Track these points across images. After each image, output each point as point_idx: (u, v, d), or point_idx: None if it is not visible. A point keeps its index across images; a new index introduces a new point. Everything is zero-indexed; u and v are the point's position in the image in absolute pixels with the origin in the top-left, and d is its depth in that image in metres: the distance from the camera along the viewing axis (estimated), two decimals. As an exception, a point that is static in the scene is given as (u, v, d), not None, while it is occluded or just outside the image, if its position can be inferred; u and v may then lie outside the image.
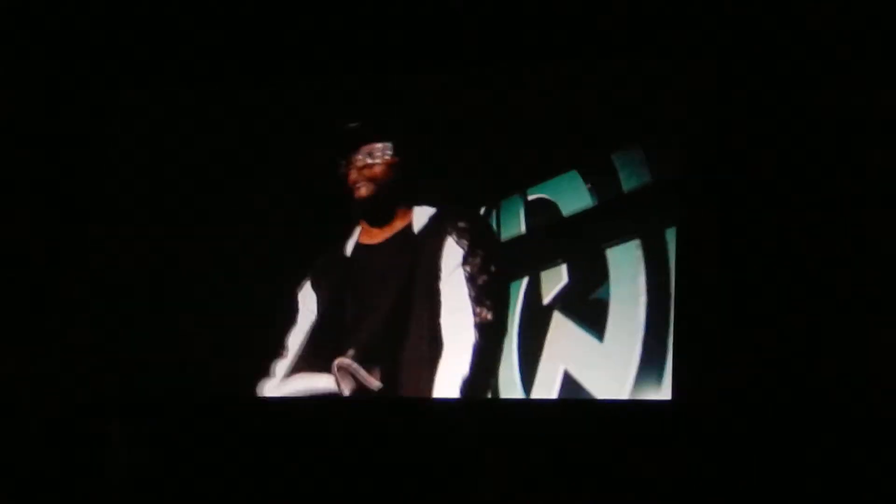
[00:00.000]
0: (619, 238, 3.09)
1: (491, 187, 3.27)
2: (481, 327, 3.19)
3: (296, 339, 3.39)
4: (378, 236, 3.48)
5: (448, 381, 3.18)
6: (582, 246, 3.14)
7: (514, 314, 3.17)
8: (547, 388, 3.07)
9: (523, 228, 3.24)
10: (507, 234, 3.26)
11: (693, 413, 2.82)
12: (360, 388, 3.25)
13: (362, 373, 3.25)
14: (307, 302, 3.45)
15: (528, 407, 3.09)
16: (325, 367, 3.32)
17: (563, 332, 3.11)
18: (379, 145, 3.44)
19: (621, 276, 3.06)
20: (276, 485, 3.09)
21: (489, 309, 3.22)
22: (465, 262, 3.27)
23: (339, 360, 3.28)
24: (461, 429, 3.08)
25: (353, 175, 3.42)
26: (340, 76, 3.46)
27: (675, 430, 2.83)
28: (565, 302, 3.11)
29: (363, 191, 3.44)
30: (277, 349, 3.38)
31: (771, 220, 2.93)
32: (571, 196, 3.19)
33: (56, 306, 3.28)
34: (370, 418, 3.20)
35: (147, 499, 3.07)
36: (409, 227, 3.44)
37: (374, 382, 3.24)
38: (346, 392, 3.26)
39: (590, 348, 3.05)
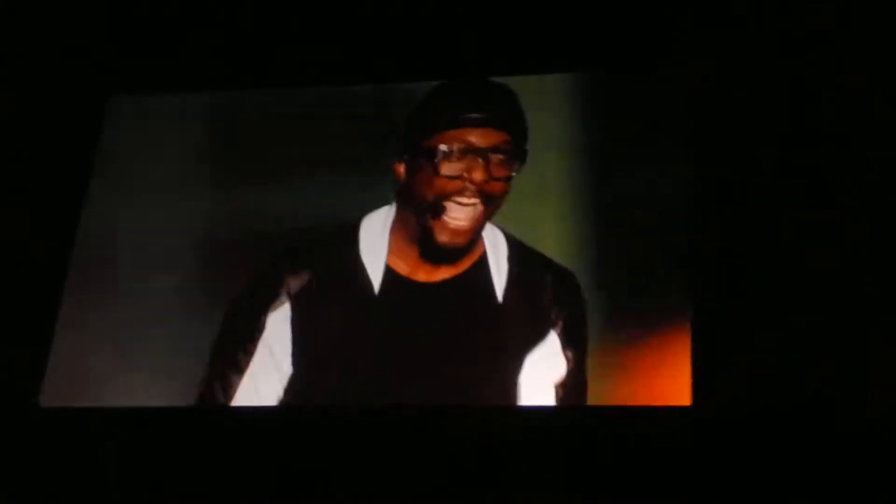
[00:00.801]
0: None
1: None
2: None
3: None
4: (438, 273, 2.85)
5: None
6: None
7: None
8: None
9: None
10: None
11: (713, 420, 2.75)
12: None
13: None
14: (278, 330, 2.85)
15: (544, 414, 2.90)
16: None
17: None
18: (508, 154, 2.82)
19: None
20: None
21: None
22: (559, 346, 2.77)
23: None
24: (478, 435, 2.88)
25: (458, 184, 2.78)
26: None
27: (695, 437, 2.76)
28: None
29: (464, 227, 2.80)
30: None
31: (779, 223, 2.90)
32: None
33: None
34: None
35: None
36: (481, 261, 2.85)
37: None
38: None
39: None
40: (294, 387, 2.83)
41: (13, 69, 3.45)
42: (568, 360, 2.80)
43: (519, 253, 2.86)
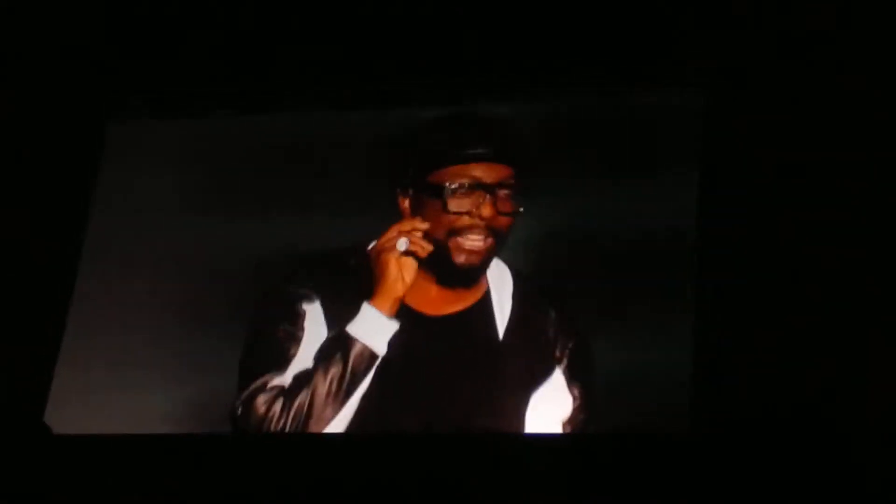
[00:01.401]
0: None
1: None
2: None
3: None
4: (445, 307, 2.88)
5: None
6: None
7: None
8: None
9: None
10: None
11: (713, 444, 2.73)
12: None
13: None
14: (316, 324, 2.86)
15: (545, 440, 2.88)
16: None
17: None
18: (515, 189, 2.82)
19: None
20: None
21: None
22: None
23: None
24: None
25: (467, 220, 2.78)
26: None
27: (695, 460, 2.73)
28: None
29: (477, 252, 2.81)
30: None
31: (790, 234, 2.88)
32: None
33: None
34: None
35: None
36: (485, 298, 2.86)
37: None
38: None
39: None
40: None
41: (13, 69, 3.44)
42: (574, 396, 2.81)
43: (523, 289, 2.87)
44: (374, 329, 2.79)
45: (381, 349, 2.80)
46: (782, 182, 2.90)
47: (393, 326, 2.80)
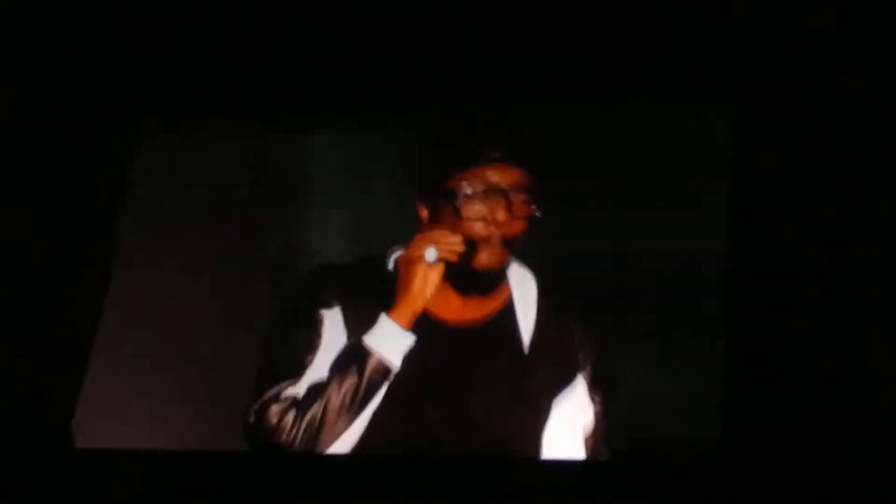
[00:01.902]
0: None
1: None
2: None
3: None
4: (467, 313, 2.85)
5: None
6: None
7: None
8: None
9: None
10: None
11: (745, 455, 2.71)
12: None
13: None
14: (335, 329, 2.83)
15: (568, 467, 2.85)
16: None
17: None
18: (529, 193, 2.78)
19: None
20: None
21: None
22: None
23: None
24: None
25: (482, 228, 2.76)
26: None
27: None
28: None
29: (493, 259, 2.78)
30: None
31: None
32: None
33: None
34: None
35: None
36: (508, 307, 2.84)
37: None
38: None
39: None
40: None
41: (13, 69, 3.44)
42: (595, 403, 2.82)
43: (547, 296, 2.87)
44: (390, 342, 2.77)
45: (396, 363, 2.78)
46: (813, 200, 2.88)
47: (409, 340, 2.78)
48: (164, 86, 3.40)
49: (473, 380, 2.80)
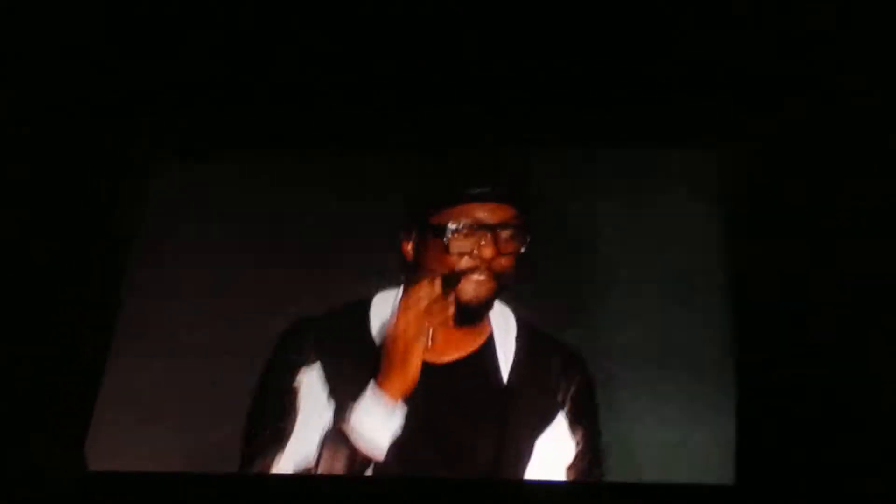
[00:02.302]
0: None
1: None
2: None
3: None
4: (447, 352, 2.82)
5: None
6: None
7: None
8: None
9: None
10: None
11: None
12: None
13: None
14: (314, 387, 2.83)
15: (582, 488, 2.83)
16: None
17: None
18: (517, 229, 2.80)
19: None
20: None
21: None
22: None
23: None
24: None
25: (468, 262, 2.76)
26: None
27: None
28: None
29: (481, 291, 2.78)
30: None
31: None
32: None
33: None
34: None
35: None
36: (489, 343, 2.83)
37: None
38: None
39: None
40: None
41: (13, 69, 3.44)
42: (577, 441, 2.79)
43: (527, 334, 2.85)
44: (380, 424, 2.73)
45: (383, 448, 2.73)
46: (814, 230, 2.88)
47: (399, 420, 2.74)
48: (164, 86, 3.40)
49: (456, 416, 2.79)
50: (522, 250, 2.82)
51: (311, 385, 2.82)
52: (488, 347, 2.83)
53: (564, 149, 3.12)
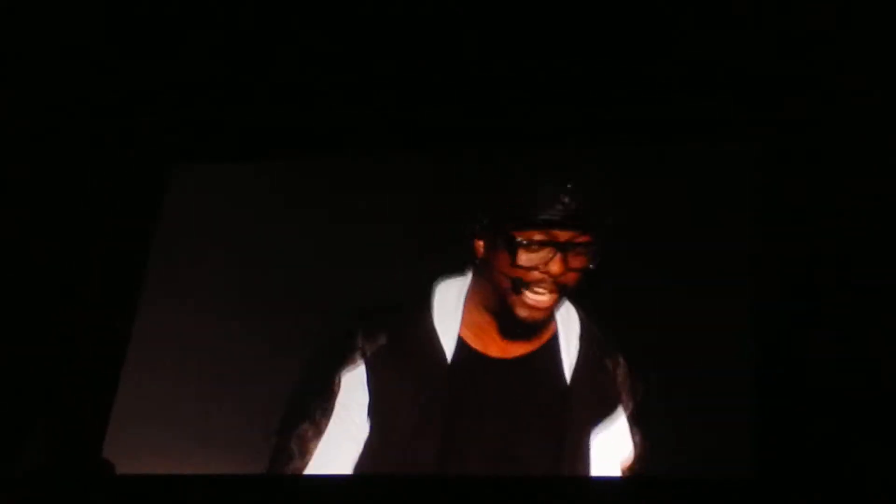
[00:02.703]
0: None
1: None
2: None
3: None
4: (511, 349, 2.83)
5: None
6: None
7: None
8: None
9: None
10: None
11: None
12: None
13: None
14: (354, 391, 2.81)
15: (599, 484, 2.83)
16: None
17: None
18: (588, 248, 2.78)
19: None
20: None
21: None
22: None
23: None
24: None
25: (535, 275, 2.76)
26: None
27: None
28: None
29: (536, 314, 2.78)
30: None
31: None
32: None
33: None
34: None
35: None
36: (553, 340, 2.82)
37: None
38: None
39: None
40: (369, 448, 2.81)
41: (13, 69, 3.44)
42: (635, 444, 2.79)
43: (591, 333, 2.85)
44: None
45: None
46: (838, 231, 2.86)
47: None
48: (164, 86, 3.40)
49: (517, 413, 2.78)
50: (591, 266, 2.81)
51: (353, 388, 2.82)
52: (552, 344, 2.82)
53: (564, 149, 3.12)
